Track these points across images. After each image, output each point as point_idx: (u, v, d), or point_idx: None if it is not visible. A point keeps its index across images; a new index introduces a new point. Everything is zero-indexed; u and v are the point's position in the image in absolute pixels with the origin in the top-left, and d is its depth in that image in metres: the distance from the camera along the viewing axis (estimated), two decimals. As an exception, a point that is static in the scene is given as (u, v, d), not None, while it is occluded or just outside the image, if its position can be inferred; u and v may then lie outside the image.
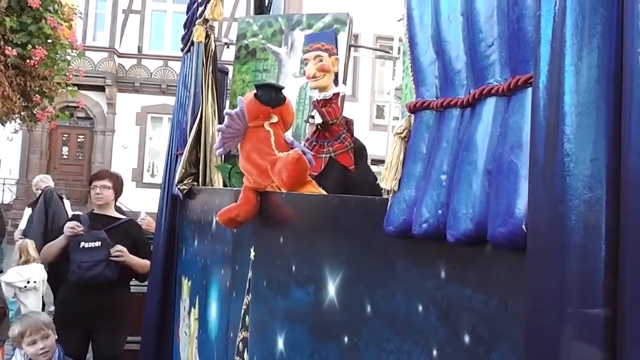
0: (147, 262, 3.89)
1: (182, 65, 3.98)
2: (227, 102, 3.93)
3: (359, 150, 2.39)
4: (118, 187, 4.18)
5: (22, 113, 4.75)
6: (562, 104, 0.68)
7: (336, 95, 2.33)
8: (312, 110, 2.40)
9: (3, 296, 4.14)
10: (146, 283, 3.99)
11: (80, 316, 3.79)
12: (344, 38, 3.51)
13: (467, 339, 0.95)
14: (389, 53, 6.59)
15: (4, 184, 17.01)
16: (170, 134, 3.94)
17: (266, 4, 4.90)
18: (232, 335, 2.25)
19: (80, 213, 4.27)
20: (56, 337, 3.34)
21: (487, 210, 0.88)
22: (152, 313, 3.74)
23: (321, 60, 2.33)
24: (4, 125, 4.62)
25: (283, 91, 1.86)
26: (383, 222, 1.13)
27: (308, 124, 2.43)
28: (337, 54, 2.39)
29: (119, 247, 3.82)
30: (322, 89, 2.34)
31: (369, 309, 1.29)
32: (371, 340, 1.27)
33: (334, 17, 3.53)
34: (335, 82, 2.38)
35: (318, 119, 2.31)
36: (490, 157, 0.90)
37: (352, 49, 4.57)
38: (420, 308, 1.08)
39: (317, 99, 2.35)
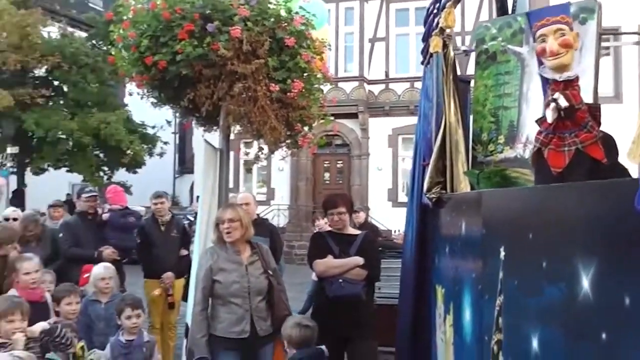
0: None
1: (423, 78, 4.07)
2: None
3: (607, 141, 2.03)
4: (350, 208, 4.57)
5: (287, 141, 5.29)
6: None
7: (577, 77, 2.09)
8: (551, 95, 2.08)
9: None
10: (391, 294, 4.11)
11: (335, 326, 4.08)
12: (592, 28, 3.24)
13: None
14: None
15: (278, 209, 19.10)
16: (415, 146, 4.03)
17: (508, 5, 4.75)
18: (486, 338, 2.21)
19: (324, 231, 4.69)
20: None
21: None
22: (405, 322, 3.83)
23: (563, 34, 2.05)
24: (273, 154, 5.20)
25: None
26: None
27: (548, 110, 2.13)
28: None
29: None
30: (562, 67, 2.08)
31: (627, 302, 1.18)
32: (633, 338, 1.16)
33: (578, 7, 3.27)
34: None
35: (563, 102, 1.98)
36: None
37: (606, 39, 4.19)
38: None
39: (556, 80, 2.07)
